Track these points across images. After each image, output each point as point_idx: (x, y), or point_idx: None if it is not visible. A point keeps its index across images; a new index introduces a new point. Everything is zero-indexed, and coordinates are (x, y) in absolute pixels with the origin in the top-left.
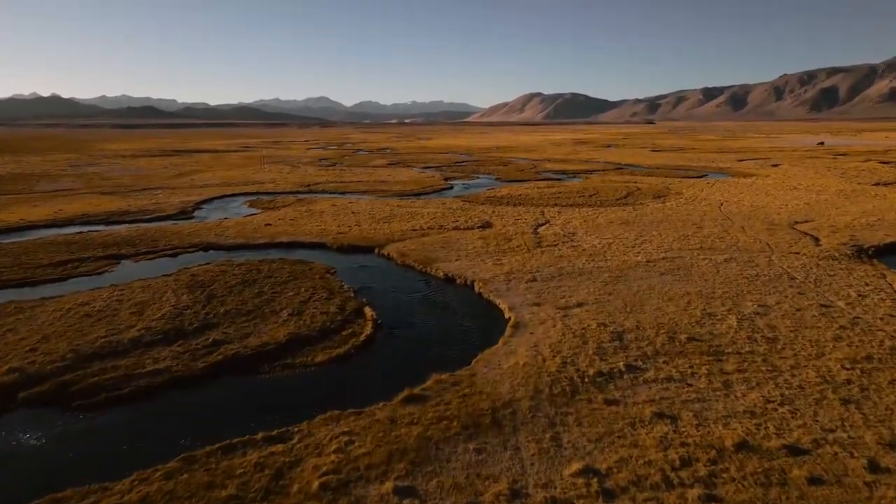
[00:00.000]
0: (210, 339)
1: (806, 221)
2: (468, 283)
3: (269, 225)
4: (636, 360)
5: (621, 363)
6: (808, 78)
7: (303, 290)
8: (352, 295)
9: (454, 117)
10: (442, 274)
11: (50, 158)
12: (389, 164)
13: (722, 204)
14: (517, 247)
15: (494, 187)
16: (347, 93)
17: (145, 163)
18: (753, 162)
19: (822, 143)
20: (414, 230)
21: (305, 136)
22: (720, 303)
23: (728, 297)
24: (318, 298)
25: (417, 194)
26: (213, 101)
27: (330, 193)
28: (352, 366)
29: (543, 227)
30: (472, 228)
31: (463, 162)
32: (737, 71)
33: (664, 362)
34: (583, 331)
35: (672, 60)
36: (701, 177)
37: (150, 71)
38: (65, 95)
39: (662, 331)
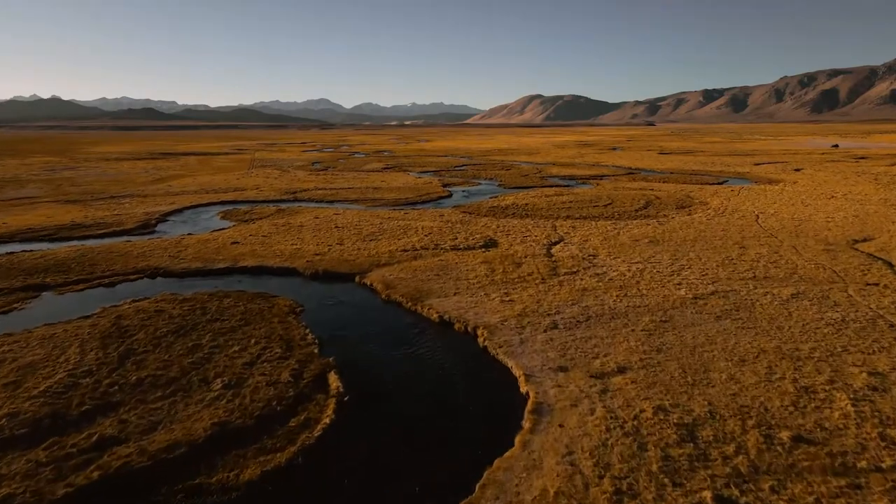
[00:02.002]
0: (95, 437)
1: (865, 240)
2: (469, 329)
3: (237, 243)
4: (729, 486)
5: (707, 493)
6: (808, 80)
7: (253, 342)
8: (315, 351)
9: (454, 119)
10: (436, 315)
11: (28, 161)
12: (385, 169)
13: (758, 217)
14: (529, 275)
15: (497, 195)
16: (347, 95)
17: (128, 166)
18: (772, 166)
19: (836, 146)
20: (405, 251)
21: (302, 138)
22: (814, 368)
23: (821, 359)
24: (270, 357)
25: (412, 203)
26: (214, 103)
27: (316, 202)
28: (293, 492)
29: (558, 246)
30: (474, 249)
31: (462, 166)
32: (737, 73)
33: (773, 489)
34: (635, 422)
35: (672, 62)
36: (721, 183)
37: (150, 73)
38: (65, 97)
39: (750, 422)
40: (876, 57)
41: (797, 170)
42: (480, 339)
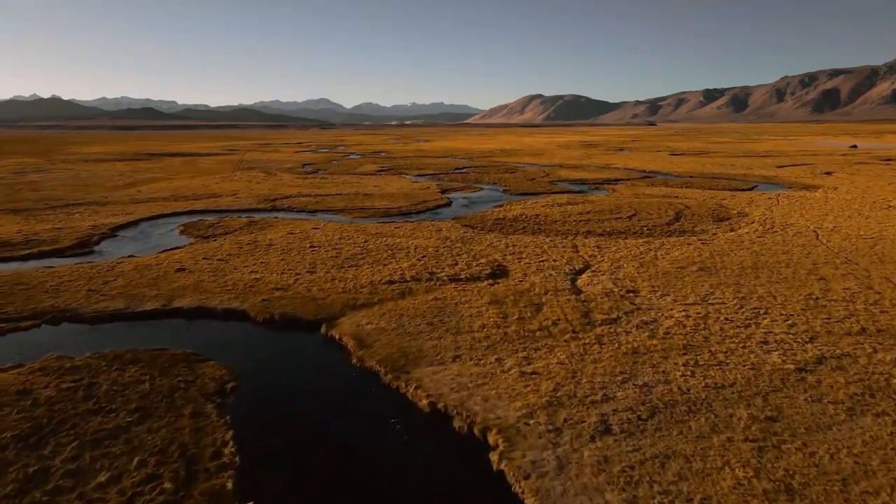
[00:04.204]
0: None
1: None
2: (476, 432)
3: (183, 270)
4: None
5: None
6: (809, 80)
7: (136, 462)
8: (228, 486)
9: (454, 119)
10: (426, 402)
11: (1, 164)
12: (379, 171)
13: (818, 233)
14: (554, 324)
15: (502, 203)
16: (348, 95)
17: (105, 168)
18: (797, 168)
19: (854, 146)
20: (391, 282)
21: (299, 138)
22: None
23: None
24: (150, 502)
25: (406, 214)
26: (214, 102)
27: (296, 212)
28: None
29: (584, 275)
30: (479, 279)
31: (463, 168)
32: (737, 73)
33: None
34: None
35: (672, 62)
36: (751, 189)
37: (150, 73)
38: (65, 97)
39: None
40: (877, 57)
41: (827, 173)
42: (494, 457)
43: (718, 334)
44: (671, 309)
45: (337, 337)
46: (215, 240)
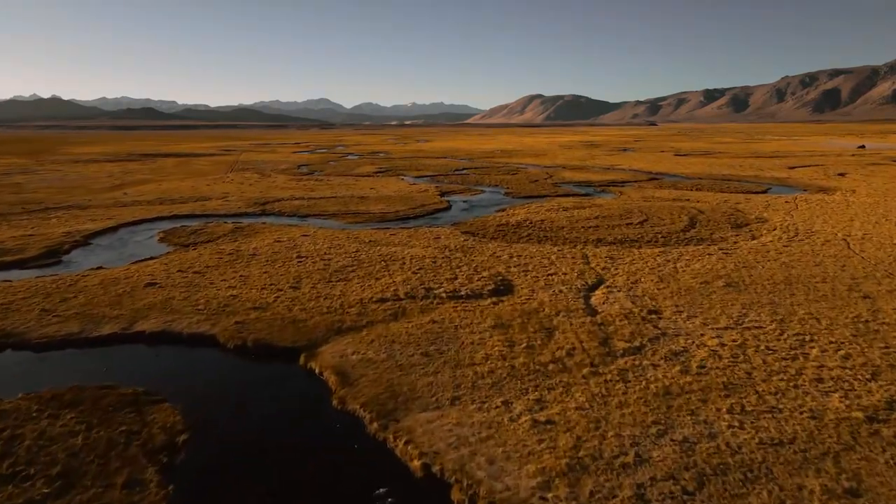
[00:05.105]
0: None
1: None
2: None
3: (153, 285)
4: None
5: None
6: (809, 80)
7: None
8: None
9: (454, 119)
10: (418, 462)
11: None
12: (377, 173)
13: (848, 241)
14: (568, 355)
15: (505, 206)
16: (348, 95)
17: (94, 169)
18: (809, 169)
19: (863, 147)
20: (382, 300)
21: (298, 139)
22: None
23: None
24: None
25: (403, 219)
26: (214, 102)
27: (287, 217)
28: None
29: (598, 292)
30: (481, 297)
31: (463, 169)
32: (738, 73)
33: None
34: None
35: (673, 62)
36: (765, 191)
37: (150, 73)
38: (65, 97)
39: None
40: (877, 57)
41: (841, 174)
42: None
43: (762, 369)
44: (702, 335)
45: (317, 370)
46: (195, 248)
